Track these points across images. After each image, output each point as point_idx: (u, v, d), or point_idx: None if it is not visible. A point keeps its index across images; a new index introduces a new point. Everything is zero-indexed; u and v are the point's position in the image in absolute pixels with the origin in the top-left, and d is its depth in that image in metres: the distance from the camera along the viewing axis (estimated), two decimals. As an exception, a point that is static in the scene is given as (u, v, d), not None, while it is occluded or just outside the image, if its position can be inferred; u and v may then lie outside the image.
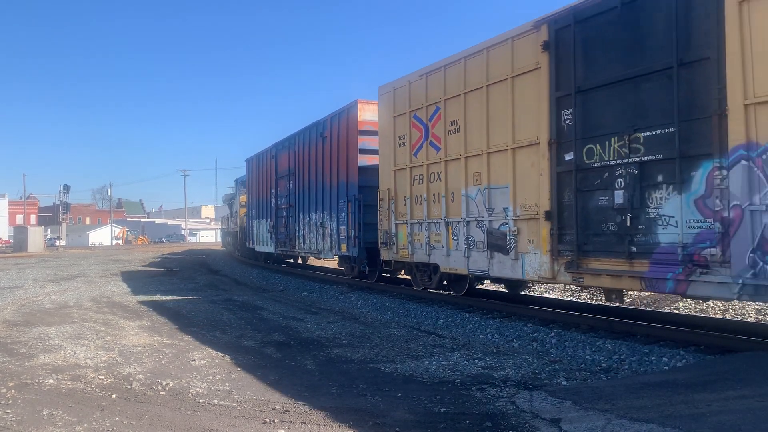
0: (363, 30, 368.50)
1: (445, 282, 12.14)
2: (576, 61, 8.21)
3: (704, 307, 10.59)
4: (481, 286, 13.36)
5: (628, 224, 7.46)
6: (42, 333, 9.64)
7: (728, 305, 10.43)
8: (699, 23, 6.74)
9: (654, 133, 7.20)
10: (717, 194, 6.50)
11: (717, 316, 9.93)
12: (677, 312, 10.30)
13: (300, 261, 23.63)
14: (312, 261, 23.61)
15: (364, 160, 15.10)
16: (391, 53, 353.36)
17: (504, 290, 12.80)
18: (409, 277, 13.46)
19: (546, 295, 13.17)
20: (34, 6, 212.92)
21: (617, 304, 9.34)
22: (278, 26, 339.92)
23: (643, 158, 7.32)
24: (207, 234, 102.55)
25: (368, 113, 15.05)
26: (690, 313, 10.17)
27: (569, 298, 12.52)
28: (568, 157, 8.33)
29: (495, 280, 11.98)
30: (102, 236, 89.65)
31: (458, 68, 10.68)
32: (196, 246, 66.50)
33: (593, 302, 11.74)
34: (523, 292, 12.67)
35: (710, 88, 6.59)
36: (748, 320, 9.47)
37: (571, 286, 12.42)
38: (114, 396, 5.94)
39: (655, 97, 7.21)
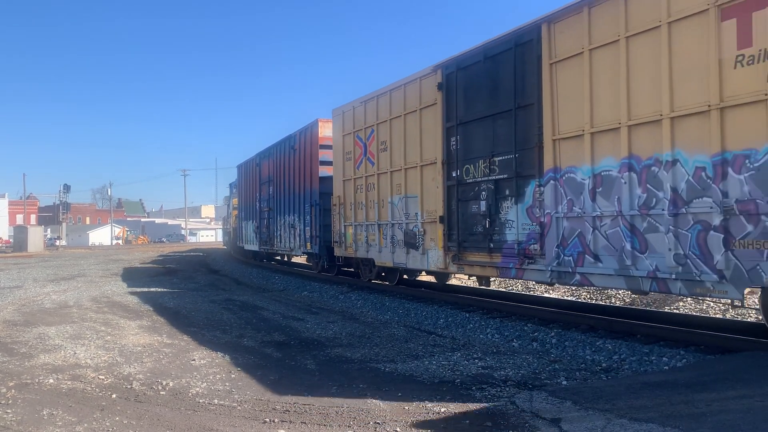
0: (365, 29, 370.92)
1: (383, 274, 14.54)
2: (458, 99, 10.58)
3: (704, 307, 10.60)
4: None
5: (488, 226, 9.85)
6: (42, 333, 9.68)
7: (728, 305, 10.34)
8: (529, 77, 9.10)
9: (503, 158, 9.59)
10: (538, 205, 8.89)
11: (717, 316, 9.95)
12: (677, 312, 10.38)
13: (286, 258, 25.78)
14: (296, 259, 25.73)
15: (325, 171, 17.39)
16: (392, 52, 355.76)
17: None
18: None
19: (546, 294, 13.49)
20: (33, 5, 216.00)
21: (612, 301, 10.48)
22: (278, 26, 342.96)
23: (497, 177, 9.71)
24: (207, 234, 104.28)
25: (328, 130, 17.26)
26: (690, 313, 10.22)
27: (569, 298, 12.75)
28: (454, 174, 10.70)
29: (414, 271, 13.91)
30: (102, 236, 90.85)
31: (386, 98, 13.05)
32: (197, 246, 67.77)
33: (593, 302, 12.06)
34: (523, 292, 13.68)
35: (534, 127, 8.95)
36: (748, 320, 9.40)
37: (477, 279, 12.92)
38: (114, 396, 5.99)
39: (504, 131, 9.58)
